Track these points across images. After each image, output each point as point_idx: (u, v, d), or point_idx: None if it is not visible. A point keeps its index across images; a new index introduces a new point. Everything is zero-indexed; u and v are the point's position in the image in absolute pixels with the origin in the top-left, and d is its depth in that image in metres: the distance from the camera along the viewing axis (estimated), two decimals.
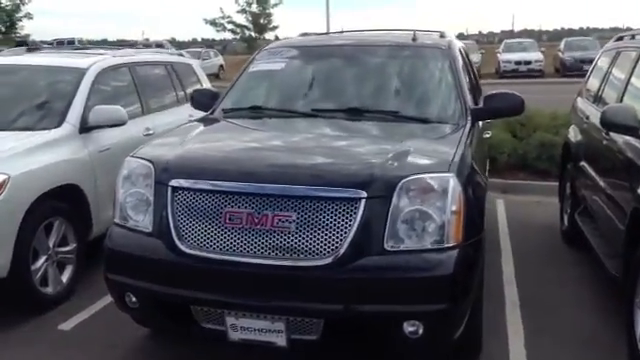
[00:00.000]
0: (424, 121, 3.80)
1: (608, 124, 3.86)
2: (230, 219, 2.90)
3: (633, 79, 4.42)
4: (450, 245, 2.89)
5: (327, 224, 2.82)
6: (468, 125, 3.81)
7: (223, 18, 23.81)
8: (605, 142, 4.43)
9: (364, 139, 3.52)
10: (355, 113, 3.88)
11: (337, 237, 2.81)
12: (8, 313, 4.08)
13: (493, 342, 3.72)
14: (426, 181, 2.92)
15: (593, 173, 4.72)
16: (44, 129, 4.45)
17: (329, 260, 2.80)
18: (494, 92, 4.15)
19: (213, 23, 23.70)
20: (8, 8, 28.48)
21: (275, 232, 2.84)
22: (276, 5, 24.41)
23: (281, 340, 2.94)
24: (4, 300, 4.11)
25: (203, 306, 3.01)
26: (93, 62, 5.10)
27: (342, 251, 2.80)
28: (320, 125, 3.84)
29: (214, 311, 2.99)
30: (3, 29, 28.71)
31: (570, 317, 4.11)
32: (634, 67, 4.47)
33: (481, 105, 4.07)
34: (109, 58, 5.38)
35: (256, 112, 4.08)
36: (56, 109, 4.65)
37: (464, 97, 3.98)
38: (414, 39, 4.42)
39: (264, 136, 3.61)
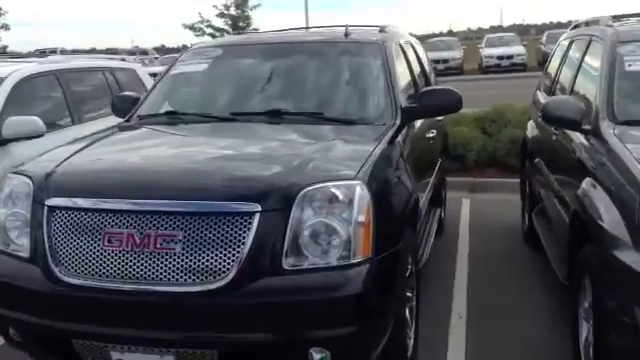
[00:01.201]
0: (348, 122, 3.48)
1: (549, 118, 3.55)
2: (109, 241, 2.57)
3: (583, 68, 4.12)
4: (357, 260, 2.57)
5: (217, 243, 2.50)
6: (396, 126, 3.50)
7: (202, 22, 23.37)
8: (554, 137, 4.13)
9: (274, 145, 3.18)
10: (276, 115, 3.56)
11: (228, 258, 2.49)
12: None
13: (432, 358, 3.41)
14: (330, 190, 2.60)
15: (546, 170, 4.42)
16: None
17: (219, 284, 2.47)
18: (429, 88, 3.85)
19: (192, 28, 23.25)
20: None
21: (159, 254, 2.52)
22: (255, 7, 23.97)
23: None
24: None
25: (84, 340, 2.68)
26: (12, 70, 4.77)
27: (233, 274, 2.48)
28: (232, 131, 3.52)
29: (97, 345, 2.66)
30: None
31: (520, 328, 3.80)
32: (583, 56, 4.17)
33: (414, 103, 3.74)
34: (33, 66, 5.07)
35: (171, 118, 3.75)
36: None
37: (395, 96, 3.66)
38: (346, 35, 4.10)
39: (162, 146, 3.27)
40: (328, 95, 3.76)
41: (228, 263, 2.48)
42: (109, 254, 2.56)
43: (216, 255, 2.49)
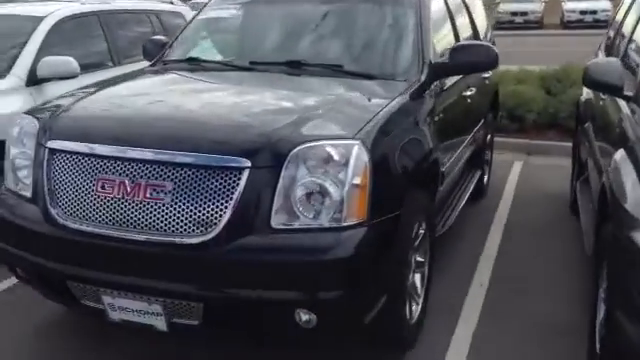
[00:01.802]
0: (367, 77, 3.30)
1: (589, 82, 3.25)
2: (103, 187, 2.56)
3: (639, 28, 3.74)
4: (350, 223, 2.46)
5: (205, 197, 2.43)
6: (421, 82, 3.29)
7: None
8: (601, 102, 3.81)
9: (280, 99, 3.06)
10: (295, 66, 3.42)
11: (215, 212, 2.43)
12: None
13: (437, 327, 3.29)
14: (324, 149, 2.47)
15: (592, 136, 4.09)
16: None
17: (205, 238, 2.43)
18: (462, 43, 3.60)
19: None
20: None
21: (149, 204, 2.48)
22: None
23: (161, 324, 2.62)
24: None
25: (77, 282, 2.71)
26: (52, 10, 4.81)
27: (219, 229, 2.42)
28: (244, 81, 3.41)
29: (90, 288, 2.69)
30: None
31: (540, 303, 3.60)
32: None
33: (445, 59, 3.51)
34: (75, 6, 5.08)
35: (192, 64, 3.67)
36: (3, 60, 4.40)
37: (423, 50, 3.43)
38: None
39: (169, 93, 3.20)
40: (351, 47, 3.58)
41: (215, 218, 2.42)
42: (102, 200, 2.55)
43: (203, 209, 2.43)
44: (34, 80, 4.39)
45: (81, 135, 2.69)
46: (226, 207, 2.42)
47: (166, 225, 2.46)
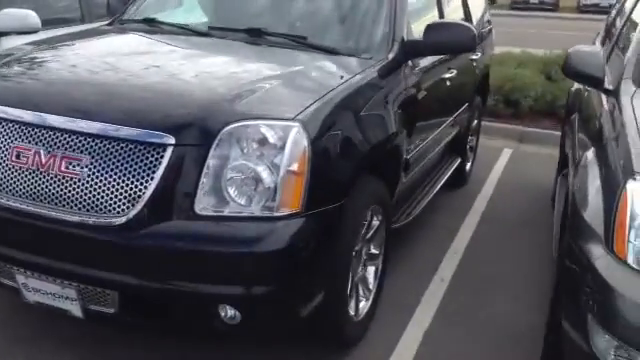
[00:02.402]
0: (331, 52, 3.03)
1: (569, 71, 2.99)
2: (18, 157, 2.33)
3: (632, 17, 3.46)
4: (282, 214, 2.24)
5: (124, 175, 2.21)
6: (388, 60, 3.04)
7: None
8: (585, 93, 3.56)
9: (225, 69, 2.80)
10: (255, 34, 3.15)
11: (134, 193, 2.20)
12: None
13: (387, 324, 3.09)
14: (259, 129, 2.23)
15: (576, 130, 3.84)
16: None
17: (120, 220, 2.20)
18: (437, 22, 3.32)
19: None
20: None
21: (63, 178, 2.26)
22: None
23: (76, 309, 2.41)
24: None
25: None
26: None
27: (136, 211, 2.19)
28: (195, 47, 3.15)
29: (3, 265, 2.49)
30: None
31: (501, 304, 3.40)
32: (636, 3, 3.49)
33: (419, 37, 3.25)
34: None
35: (148, 25, 3.40)
36: None
37: (395, 26, 3.17)
38: None
39: (107, 57, 2.91)
40: (319, 18, 3.31)
41: (133, 199, 2.20)
42: (17, 171, 2.33)
43: (121, 187, 2.21)
44: None
45: (3, 98, 2.45)
46: (145, 187, 2.19)
47: (80, 203, 2.24)
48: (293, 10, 3.38)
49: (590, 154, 2.54)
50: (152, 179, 2.19)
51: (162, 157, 2.19)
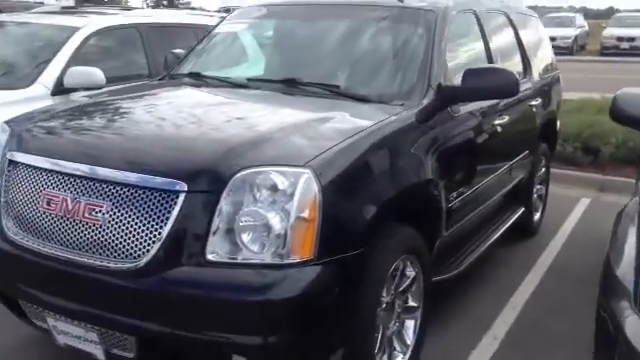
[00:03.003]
0: (363, 99, 3.00)
1: (617, 116, 2.79)
2: (48, 203, 2.43)
3: None
4: (292, 261, 2.18)
5: (139, 221, 2.24)
6: (423, 106, 2.96)
7: None
8: None
9: (253, 118, 2.81)
10: (291, 85, 3.19)
11: (148, 238, 2.23)
12: None
13: None
14: (269, 176, 2.21)
15: None
16: (12, 89, 4.30)
17: (135, 265, 2.23)
18: (476, 67, 3.21)
19: None
20: None
21: (87, 224, 2.33)
22: None
23: (99, 353, 2.45)
24: None
25: (23, 300, 2.61)
26: (90, 21, 4.87)
27: (150, 256, 2.21)
28: (232, 98, 3.21)
29: (36, 308, 2.57)
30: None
31: None
32: None
33: (457, 83, 3.15)
34: (114, 18, 5.12)
35: (193, 79, 3.53)
36: (32, 68, 4.49)
37: (430, 72, 3.10)
38: None
39: (142, 109, 3.01)
40: (354, 67, 3.31)
41: (148, 244, 2.22)
42: (47, 217, 2.43)
43: (136, 234, 2.24)
44: (61, 90, 4.42)
45: (33, 148, 2.60)
46: (159, 233, 2.21)
47: (101, 248, 2.29)
48: (329, 60, 3.40)
49: (636, 200, 2.33)
50: (165, 225, 2.21)
51: (175, 204, 2.21)
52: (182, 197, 2.21)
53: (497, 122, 3.73)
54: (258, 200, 2.20)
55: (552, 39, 22.13)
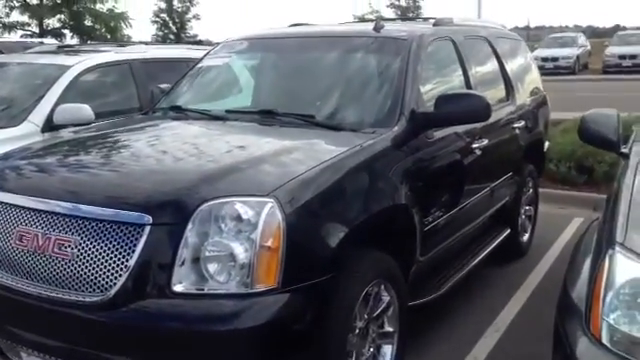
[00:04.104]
0: (336, 128, 3.07)
1: (585, 135, 2.83)
2: (20, 239, 2.50)
3: None
4: (257, 290, 2.23)
5: (105, 255, 2.30)
6: (395, 133, 3.02)
7: (372, 13, 23.44)
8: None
9: (220, 150, 2.88)
10: (268, 116, 3.27)
11: (115, 272, 2.28)
12: None
13: None
14: (233, 206, 2.27)
15: None
16: (3, 127, 4.41)
17: (102, 298, 2.28)
18: (448, 93, 3.28)
19: (362, 19, 23.53)
20: (179, 10, 30.76)
21: (56, 259, 2.39)
22: None
23: None
24: None
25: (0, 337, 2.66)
26: (81, 60, 4.99)
27: (117, 288, 2.27)
28: (206, 130, 3.29)
29: (10, 343, 2.62)
30: (175, 30, 31.06)
31: None
32: None
33: (429, 109, 3.21)
34: (106, 55, 5.25)
35: (174, 112, 3.62)
36: (22, 107, 4.60)
37: (403, 99, 3.16)
38: (376, 29, 3.64)
39: (112, 144, 3.11)
40: (328, 96, 3.38)
41: (114, 277, 2.28)
42: (19, 252, 2.49)
43: (103, 267, 2.30)
44: (50, 127, 4.52)
45: (7, 185, 2.68)
46: (126, 266, 2.27)
47: (71, 282, 2.35)
48: (306, 90, 3.48)
49: (595, 224, 2.36)
50: (132, 257, 2.26)
51: (140, 236, 2.27)
52: (147, 229, 2.26)
53: (475, 145, 3.77)
54: (223, 230, 2.25)
55: (555, 59, 22.40)
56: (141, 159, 2.80)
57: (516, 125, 4.54)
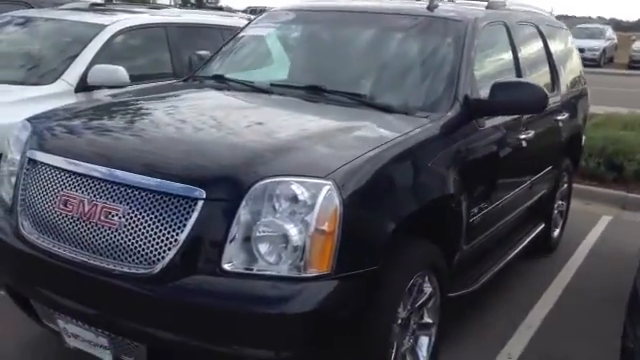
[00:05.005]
0: (387, 110, 2.96)
1: None
2: (65, 204, 2.42)
3: None
4: (309, 275, 2.14)
5: (154, 227, 2.22)
6: (447, 119, 2.91)
7: None
8: None
9: (270, 126, 2.77)
10: (315, 92, 3.16)
11: (163, 245, 2.20)
12: None
13: None
14: (290, 187, 2.18)
15: None
16: (36, 84, 4.31)
17: (148, 272, 2.20)
18: (504, 81, 3.16)
19: None
20: None
21: (102, 227, 2.31)
22: None
23: (108, 359, 2.43)
24: None
25: (35, 300, 2.60)
26: (117, 20, 4.87)
27: (164, 263, 2.18)
28: (253, 103, 3.18)
29: (47, 309, 2.56)
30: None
31: None
32: None
33: (485, 96, 3.10)
34: (141, 16, 5.13)
35: (216, 81, 3.50)
36: (57, 65, 4.49)
37: (458, 84, 3.05)
38: (430, 8, 3.51)
39: (163, 111, 2.98)
40: (380, 76, 3.27)
41: (163, 251, 2.20)
42: (63, 218, 2.41)
43: (151, 239, 2.21)
44: (84, 87, 4.43)
45: (53, 147, 2.58)
46: (175, 240, 2.18)
47: (116, 252, 2.27)
48: (354, 67, 3.36)
49: None
50: (182, 232, 2.18)
51: (193, 211, 2.18)
52: (200, 204, 2.18)
53: (522, 136, 3.66)
54: (277, 210, 2.17)
55: (581, 50, 21.97)
56: (193, 130, 2.69)
57: (559, 117, 4.42)
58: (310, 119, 2.90)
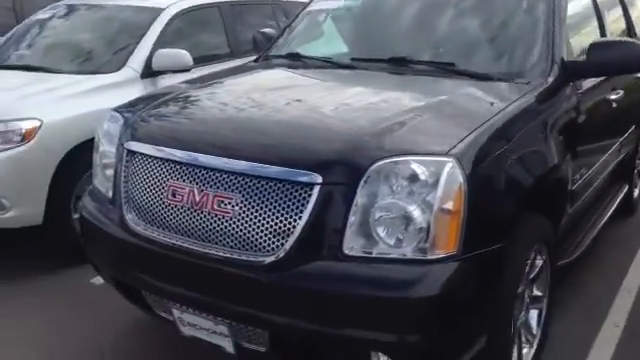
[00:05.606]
0: (484, 77, 2.83)
1: None
2: (173, 195, 2.37)
3: None
4: (436, 256, 2.07)
5: (273, 214, 2.16)
6: (548, 84, 2.78)
7: None
8: None
9: (369, 103, 2.66)
10: (400, 64, 3.04)
11: (282, 232, 2.15)
12: (43, 263, 4.01)
13: None
14: (409, 166, 2.09)
15: None
16: (101, 73, 4.27)
17: (269, 259, 2.15)
18: (603, 40, 3.02)
19: None
20: None
21: (216, 216, 2.26)
22: None
23: (228, 345, 2.41)
24: (42, 249, 4.09)
25: (148, 292, 2.58)
26: (172, 2, 4.79)
27: (285, 250, 2.13)
28: (341, 80, 3.07)
29: (160, 299, 2.54)
30: None
31: None
32: None
33: (582, 57, 2.95)
34: None
35: (291, 60, 3.41)
36: (120, 51, 4.45)
37: (554, 46, 2.90)
38: None
39: (255, 94, 2.89)
40: (468, 42, 3.12)
41: (282, 238, 2.14)
42: (172, 208, 2.36)
43: (269, 227, 2.16)
44: (149, 72, 4.38)
45: (155, 138, 2.52)
46: (293, 227, 2.12)
47: (232, 241, 2.22)
48: (439, 35, 3.22)
49: None
50: (300, 218, 2.12)
51: (310, 196, 2.11)
52: (317, 189, 2.11)
53: (612, 97, 3.51)
54: (395, 191, 2.08)
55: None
56: (294, 113, 2.61)
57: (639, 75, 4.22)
58: (408, 93, 2.78)
